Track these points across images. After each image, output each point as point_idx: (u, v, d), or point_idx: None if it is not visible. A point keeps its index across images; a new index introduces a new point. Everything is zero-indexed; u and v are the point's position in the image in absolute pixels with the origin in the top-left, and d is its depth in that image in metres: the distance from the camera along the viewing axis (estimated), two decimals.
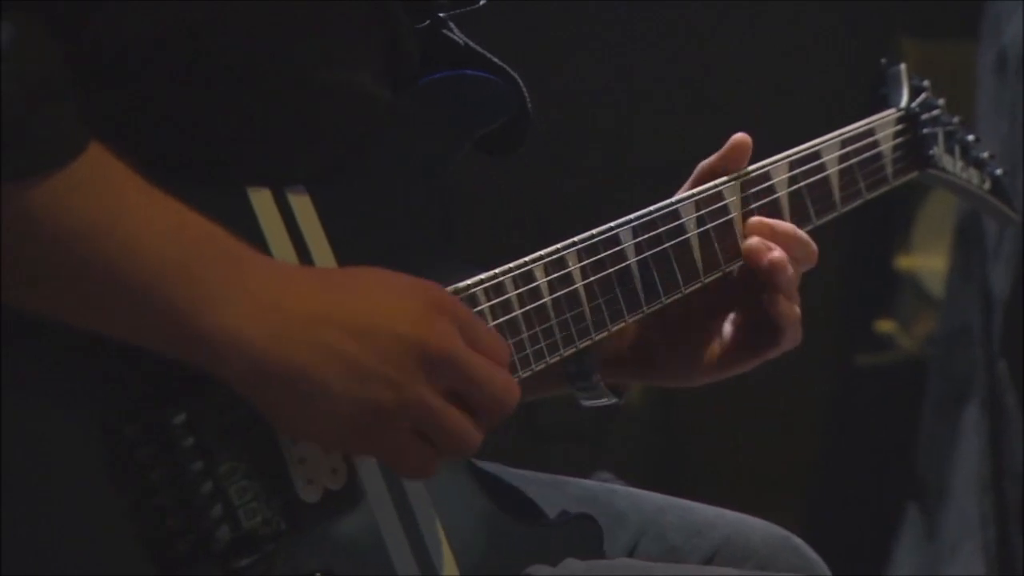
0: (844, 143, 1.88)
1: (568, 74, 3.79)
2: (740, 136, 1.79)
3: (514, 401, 1.48)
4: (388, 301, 1.43)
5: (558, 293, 1.62)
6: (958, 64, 3.73)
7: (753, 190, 1.79)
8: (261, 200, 1.48)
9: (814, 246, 1.79)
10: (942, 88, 2.05)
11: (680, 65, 3.92)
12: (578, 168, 3.79)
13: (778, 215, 1.80)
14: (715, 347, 1.79)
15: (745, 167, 1.79)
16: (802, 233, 1.79)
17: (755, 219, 1.78)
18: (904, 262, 4.22)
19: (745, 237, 1.77)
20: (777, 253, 1.75)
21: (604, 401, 1.80)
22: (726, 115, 3.72)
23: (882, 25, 4.05)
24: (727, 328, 1.79)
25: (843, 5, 4.04)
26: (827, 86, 3.91)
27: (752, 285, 1.77)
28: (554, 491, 1.83)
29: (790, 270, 1.75)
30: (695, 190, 1.75)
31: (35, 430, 1.34)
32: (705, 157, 1.79)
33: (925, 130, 1.99)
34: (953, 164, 2.04)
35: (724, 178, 1.77)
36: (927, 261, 4.15)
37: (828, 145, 1.86)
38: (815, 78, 3.99)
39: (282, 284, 1.41)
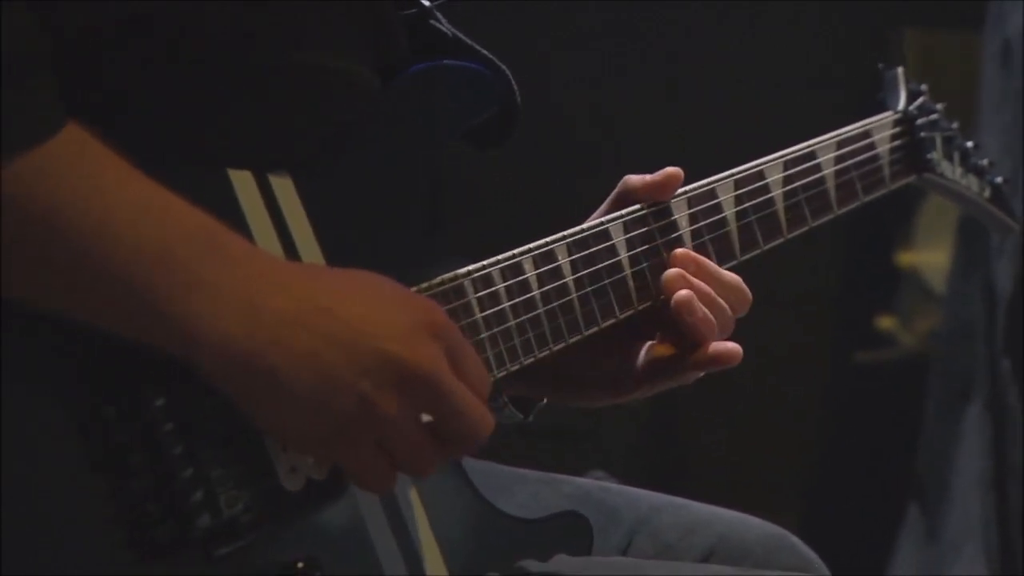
0: (840, 144, 1.86)
1: (564, 69, 3.78)
2: (673, 170, 1.71)
3: (486, 434, 1.44)
4: (379, 313, 1.39)
5: (547, 287, 1.60)
6: (961, 54, 3.72)
7: (747, 188, 1.76)
8: (242, 182, 1.45)
9: (746, 293, 1.71)
10: (945, 78, 2.02)
11: (680, 56, 3.92)
12: (571, 163, 3.78)
13: (772, 214, 1.77)
14: (637, 365, 1.71)
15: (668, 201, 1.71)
16: (728, 276, 1.71)
17: (680, 251, 1.69)
18: (905, 257, 4.21)
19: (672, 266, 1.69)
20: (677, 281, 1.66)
21: (508, 418, 1.73)
22: (723, 108, 3.71)
23: (886, 16, 4.04)
24: (647, 348, 1.71)
25: None
26: (829, 77, 3.90)
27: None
28: (547, 489, 1.82)
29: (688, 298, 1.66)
30: (685, 188, 1.72)
31: (12, 413, 1.31)
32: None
33: (922, 134, 1.96)
34: (952, 170, 2.01)
35: (718, 176, 1.74)
36: (929, 256, 4.13)
37: (824, 146, 1.84)
38: (817, 68, 3.99)
39: (269, 278, 1.37)
